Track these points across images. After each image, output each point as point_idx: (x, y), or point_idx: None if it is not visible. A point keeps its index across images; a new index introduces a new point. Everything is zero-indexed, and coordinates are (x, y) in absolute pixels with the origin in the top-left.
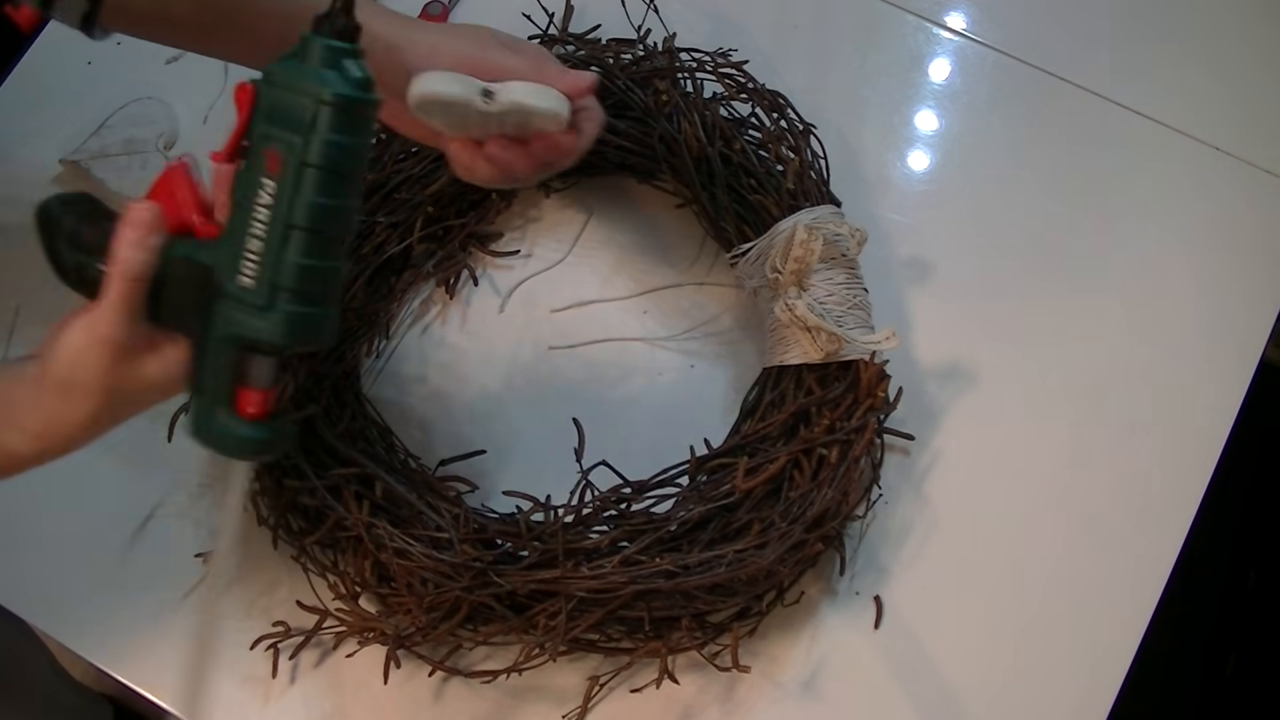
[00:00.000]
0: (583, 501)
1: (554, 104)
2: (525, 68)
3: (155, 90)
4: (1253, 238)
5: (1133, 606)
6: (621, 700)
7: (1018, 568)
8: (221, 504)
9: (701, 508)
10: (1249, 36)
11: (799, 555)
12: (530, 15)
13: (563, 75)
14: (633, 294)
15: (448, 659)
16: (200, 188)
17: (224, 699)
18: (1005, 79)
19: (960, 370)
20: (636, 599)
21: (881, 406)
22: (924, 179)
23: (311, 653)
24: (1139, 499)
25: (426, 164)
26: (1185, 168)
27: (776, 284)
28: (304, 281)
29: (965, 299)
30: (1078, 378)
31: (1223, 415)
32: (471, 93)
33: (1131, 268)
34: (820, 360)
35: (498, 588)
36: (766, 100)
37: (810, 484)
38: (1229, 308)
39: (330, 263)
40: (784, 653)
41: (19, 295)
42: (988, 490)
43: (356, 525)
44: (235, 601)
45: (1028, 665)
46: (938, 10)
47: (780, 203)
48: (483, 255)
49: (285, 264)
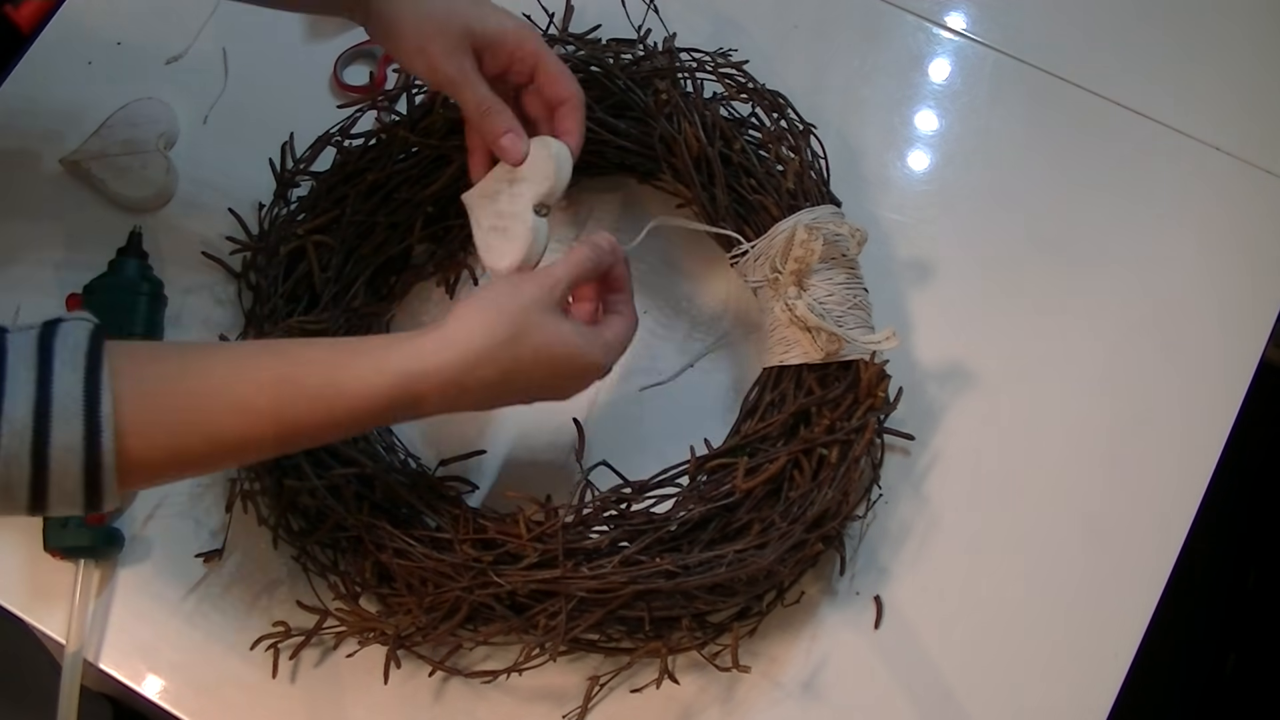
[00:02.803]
0: (583, 501)
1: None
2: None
3: (155, 90)
4: (1253, 238)
5: (1133, 606)
6: (622, 700)
7: (1018, 567)
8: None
9: (702, 508)
10: (1250, 36)
11: (799, 555)
12: (530, 15)
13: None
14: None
15: (448, 659)
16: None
17: (224, 698)
18: (1005, 79)
19: (960, 370)
20: (637, 599)
21: (882, 406)
22: (924, 179)
23: (312, 653)
24: (1139, 499)
25: (426, 164)
26: (1186, 168)
27: (776, 284)
28: None
29: (965, 299)
30: (1077, 378)
31: (1223, 415)
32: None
33: (1132, 268)
34: (820, 360)
35: (498, 588)
36: (766, 100)
37: (810, 484)
38: (1229, 308)
39: None
40: (784, 653)
41: (19, 295)
42: (988, 490)
43: (357, 525)
44: (235, 601)
45: (1028, 665)
46: (938, 10)
47: (780, 203)
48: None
49: None
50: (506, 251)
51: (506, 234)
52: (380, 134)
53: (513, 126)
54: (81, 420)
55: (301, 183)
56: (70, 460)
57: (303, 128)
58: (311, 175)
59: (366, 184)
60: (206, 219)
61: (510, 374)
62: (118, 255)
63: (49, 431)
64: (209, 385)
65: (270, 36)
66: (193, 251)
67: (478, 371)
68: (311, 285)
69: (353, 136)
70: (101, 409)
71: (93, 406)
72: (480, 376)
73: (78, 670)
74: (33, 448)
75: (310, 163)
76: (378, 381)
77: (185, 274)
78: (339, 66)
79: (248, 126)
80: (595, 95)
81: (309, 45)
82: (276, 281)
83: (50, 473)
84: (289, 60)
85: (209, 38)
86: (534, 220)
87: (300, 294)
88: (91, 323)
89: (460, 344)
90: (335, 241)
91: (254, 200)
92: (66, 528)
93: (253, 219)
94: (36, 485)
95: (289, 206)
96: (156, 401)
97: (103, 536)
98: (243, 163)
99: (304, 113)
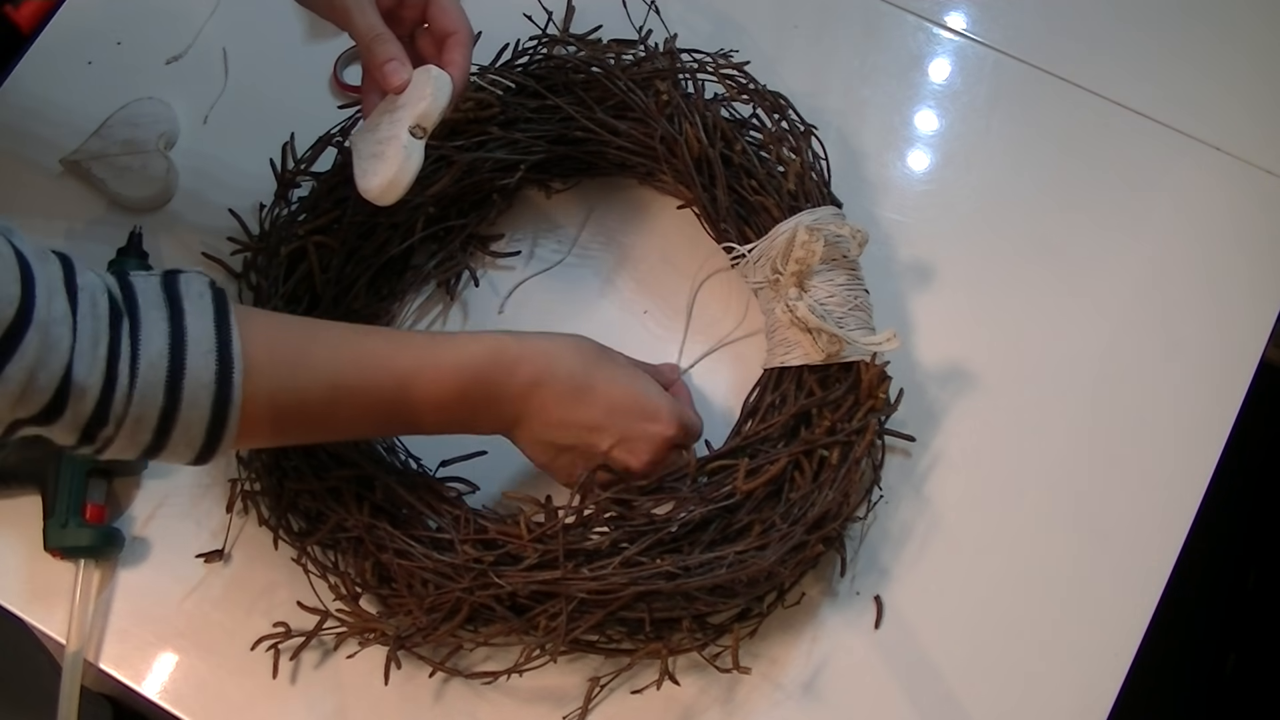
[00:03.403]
0: (584, 503)
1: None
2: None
3: (155, 90)
4: (1253, 238)
5: (1133, 606)
6: (622, 701)
7: (1018, 568)
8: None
9: (702, 509)
10: (1250, 36)
11: (800, 556)
12: (531, 15)
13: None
14: (633, 295)
15: (448, 660)
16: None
17: (224, 698)
18: (1005, 79)
19: (961, 371)
20: (637, 600)
21: (882, 408)
22: (924, 179)
23: (312, 653)
24: (1139, 499)
25: (427, 165)
26: (1186, 168)
27: (777, 285)
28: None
29: (966, 300)
30: (1078, 378)
31: (1223, 415)
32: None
33: (1132, 268)
34: (821, 361)
35: (498, 589)
36: (767, 101)
37: (811, 485)
38: (1229, 308)
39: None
40: (785, 654)
41: None
42: (988, 491)
43: (357, 526)
44: (235, 602)
45: (1028, 665)
46: (938, 10)
47: (781, 204)
48: (483, 256)
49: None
50: (379, 171)
51: (381, 158)
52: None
53: (396, 55)
54: (215, 356)
55: (302, 183)
56: (202, 395)
57: (303, 128)
58: (312, 175)
59: None
60: (206, 219)
61: (594, 376)
62: (118, 255)
63: (184, 364)
64: (328, 338)
65: (270, 36)
66: (193, 251)
67: (567, 359)
68: (312, 286)
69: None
70: (233, 347)
71: (225, 344)
72: (569, 365)
73: (78, 670)
74: (168, 380)
75: (311, 163)
76: (475, 349)
77: None
78: (339, 66)
79: (248, 126)
80: (596, 96)
81: (309, 45)
82: (277, 282)
83: (182, 405)
84: (289, 60)
85: (209, 38)
86: (407, 139)
87: (301, 294)
88: (208, 275)
89: (551, 337)
90: (336, 242)
91: (254, 200)
92: (66, 528)
93: (253, 219)
94: (165, 419)
95: (290, 207)
96: (283, 347)
97: (103, 536)
98: (243, 163)
99: (304, 113)
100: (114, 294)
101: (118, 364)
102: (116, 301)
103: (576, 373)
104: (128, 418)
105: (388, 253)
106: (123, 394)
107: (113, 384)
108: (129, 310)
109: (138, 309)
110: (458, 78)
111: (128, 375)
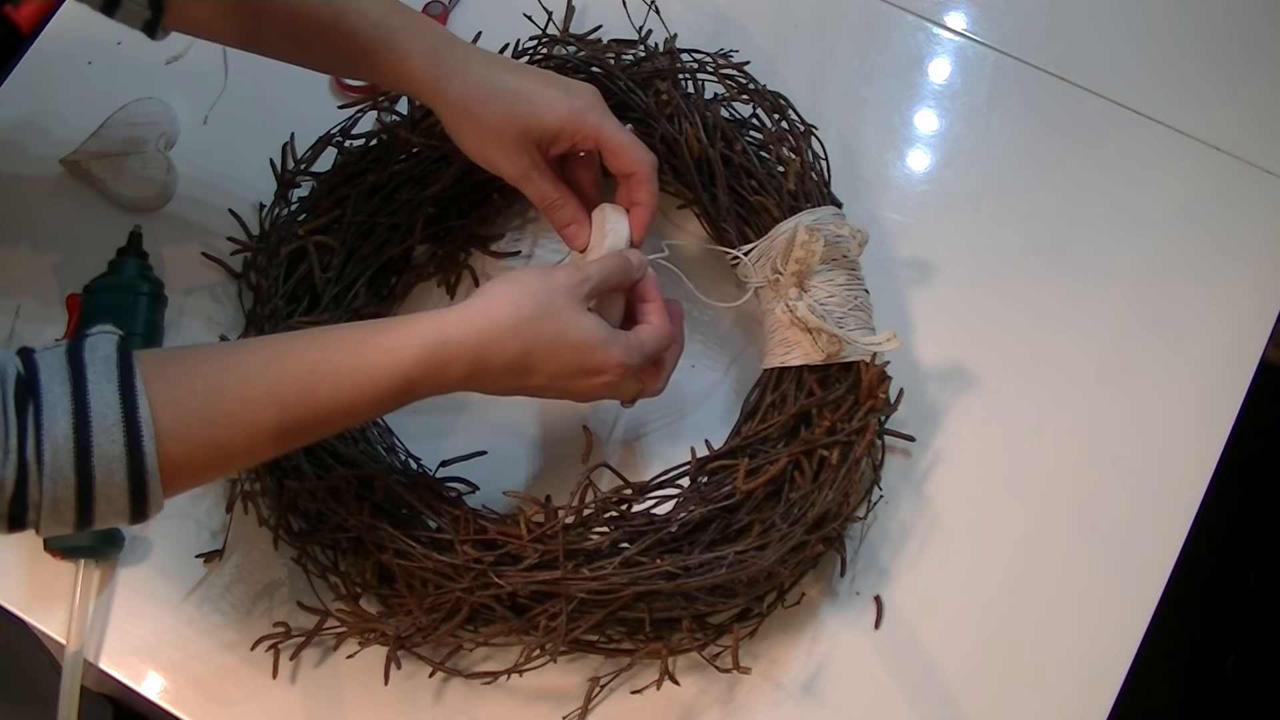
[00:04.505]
0: (583, 503)
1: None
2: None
3: (155, 90)
4: (1253, 238)
5: (1133, 606)
6: (622, 701)
7: (1018, 568)
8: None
9: (702, 509)
10: (1250, 37)
11: (800, 556)
12: (531, 15)
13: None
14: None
15: (448, 660)
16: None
17: (224, 698)
18: (1005, 79)
19: (961, 371)
20: (637, 600)
21: (882, 408)
22: (924, 179)
23: (312, 653)
24: (1139, 499)
25: (427, 165)
26: (1186, 168)
27: (777, 285)
28: None
29: (966, 300)
30: (1078, 378)
31: (1223, 415)
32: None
33: (1132, 267)
34: (821, 361)
35: (498, 589)
36: (767, 101)
37: (811, 485)
38: (1229, 308)
39: None
40: (785, 654)
41: (19, 295)
42: (988, 491)
43: (357, 526)
44: (236, 602)
45: (1028, 665)
46: (938, 10)
47: (781, 204)
48: (483, 256)
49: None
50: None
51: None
52: (381, 134)
53: (575, 218)
54: (121, 427)
55: (302, 183)
56: (115, 469)
57: (303, 128)
58: (312, 176)
59: (367, 184)
60: (206, 219)
61: (531, 354)
62: (118, 255)
63: (90, 442)
64: (241, 379)
65: None
66: (193, 251)
67: (502, 345)
68: (312, 286)
69: (354, 137)
70: (140, 414)
71: (130, 412)
72: (504, 352)
73: (78, 670)
74: (76, 461)
75: (311, 163)
76: (404, 355)
77: (185, 274)
78: None
79: (248, 126)
80: None
81: None
82: (277, 282)
83: (96, 482)
84: None
85: None
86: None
87: (301, 294)
88: (116, 334)
89: (486, 317)
90: (336, 242)
91: (254, 200)
92: None
93: (253, 219)
94: (83, 498)
95: (290, 207)
96: (192, 401)
97: (103, 536)
98: (243, 163)
99: (304, 113)
100: (21, 375)
101: (25, 451)
102: (23, 383)
103: (513, 357)
104: (43, 501)
105: (388, 253)
106: (34, 481)
107: (24, 472)
108: (33, 391)
109: (39, 389)
110: (646, 215)
111: (35, 462)
